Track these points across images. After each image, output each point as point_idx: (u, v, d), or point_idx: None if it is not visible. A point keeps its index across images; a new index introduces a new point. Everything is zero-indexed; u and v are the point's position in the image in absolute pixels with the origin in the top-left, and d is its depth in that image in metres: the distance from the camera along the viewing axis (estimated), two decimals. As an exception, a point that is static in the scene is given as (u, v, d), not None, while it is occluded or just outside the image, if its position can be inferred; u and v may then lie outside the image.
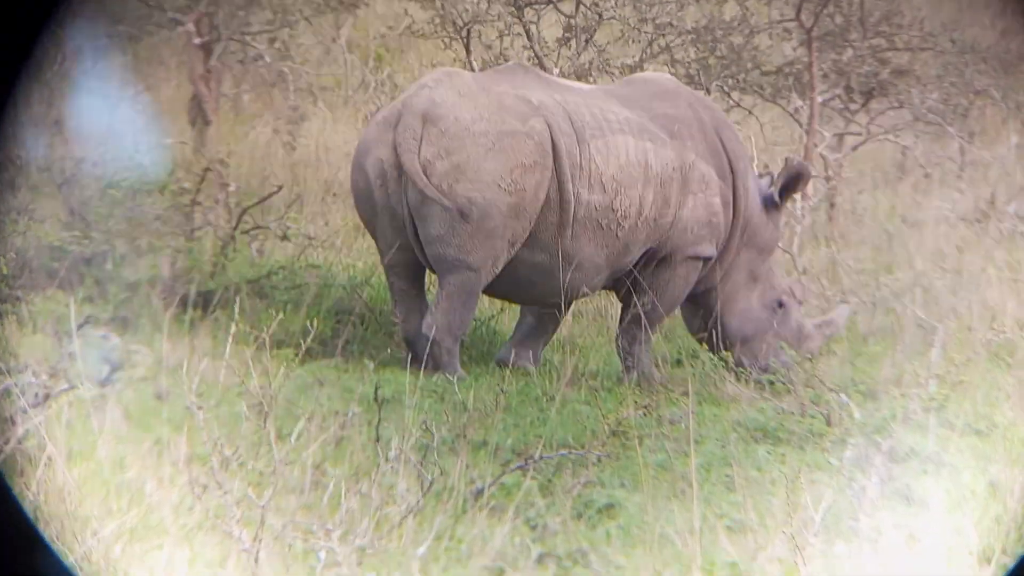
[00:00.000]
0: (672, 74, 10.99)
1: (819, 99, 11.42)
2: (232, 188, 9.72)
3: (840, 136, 11.75)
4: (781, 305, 8.94)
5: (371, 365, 8.14)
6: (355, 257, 10.04)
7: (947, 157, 12.11)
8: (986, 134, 12.64)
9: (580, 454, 6.93)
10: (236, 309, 7.44)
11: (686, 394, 7.69)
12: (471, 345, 8.75)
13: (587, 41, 10.90)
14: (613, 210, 8.37)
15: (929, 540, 6.43)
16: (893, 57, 12.11)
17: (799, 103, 11.47)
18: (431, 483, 6.37)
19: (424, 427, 6.73)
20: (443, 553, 6.21)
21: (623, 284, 8.72)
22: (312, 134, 11.55)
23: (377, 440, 6.81)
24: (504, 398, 7.51)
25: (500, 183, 8.14)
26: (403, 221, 8.26)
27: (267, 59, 11.22)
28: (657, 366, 8.45)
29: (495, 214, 8.14)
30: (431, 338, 8.22)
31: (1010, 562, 5.96)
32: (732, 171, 8.85)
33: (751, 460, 7.26)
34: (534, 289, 8.48)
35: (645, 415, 7.37)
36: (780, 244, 9.59)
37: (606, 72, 10.85)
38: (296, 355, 7.72)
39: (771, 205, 9.03)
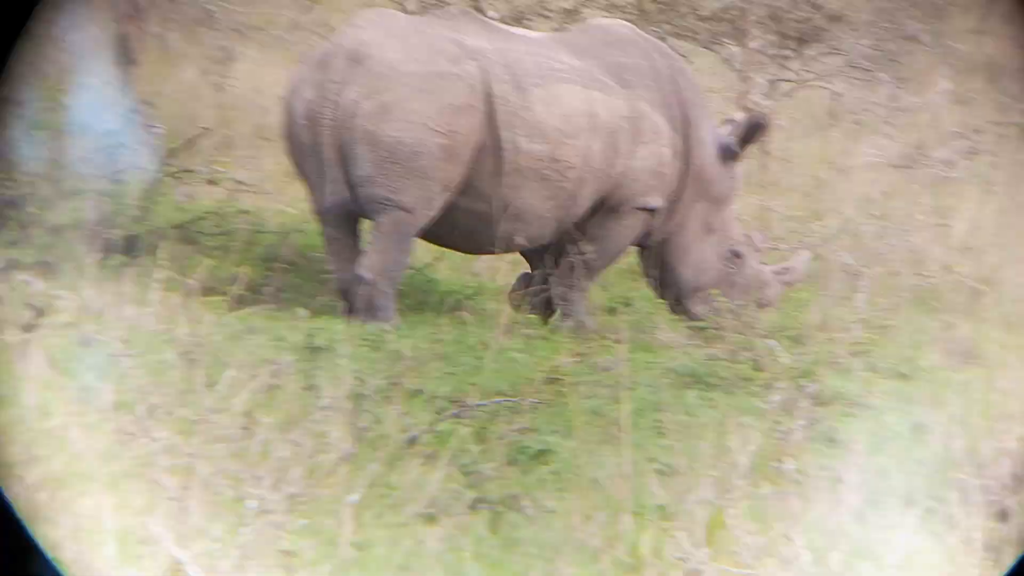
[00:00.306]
0: (609, 17, 10.93)
1: (753, 45, 11.43)
2: (158, 130, 9.51)
3: (773, 82, 11.79)
4: (738, 256, 8.90)
5: (303, 313, 8.05)
6: (287, 203, 9.90)
7: (877, 103, 12.19)
8: (916, 80, 12.76)
9: (514, 401, 6.95)
10: (163, 255, 7.29)
11: (619, 341, 7.72)
12: (406, 293, 8.68)
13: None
14: (556, 160, 8.25)
15: (853, 481, 6.53)
16: (826, 3, 12.14)
17: (733, 49, 11.48)
18: (364, 431, 6.34)
19: (358, 376, 6.68)
20: (376, 500, 6.20)
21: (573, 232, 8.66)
22: (242, 75, 11.33)
23: (309, 388, 6.75)
24: (440, 346, 7.49)
25: (429, 123, 8.01)
26: (333, 164, 8.11)
27: (194, -3, 10.98)
28: (591, 314, 8.45)
29: (424, 153, 8.00)
30: (366, 279, 8.08)
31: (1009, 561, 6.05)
32: (686, 121, 8.76)
33: (681, 405, 7.32)
34: (475, 237, 8.38)
35: (579, 362, 7.38)
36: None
37: (542, 15, 10.76)
38: (225, 302, 7.63)
39: (728, 155, 8.94)
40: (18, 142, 8.87)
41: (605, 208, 8.59)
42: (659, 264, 8.83)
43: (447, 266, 9.15)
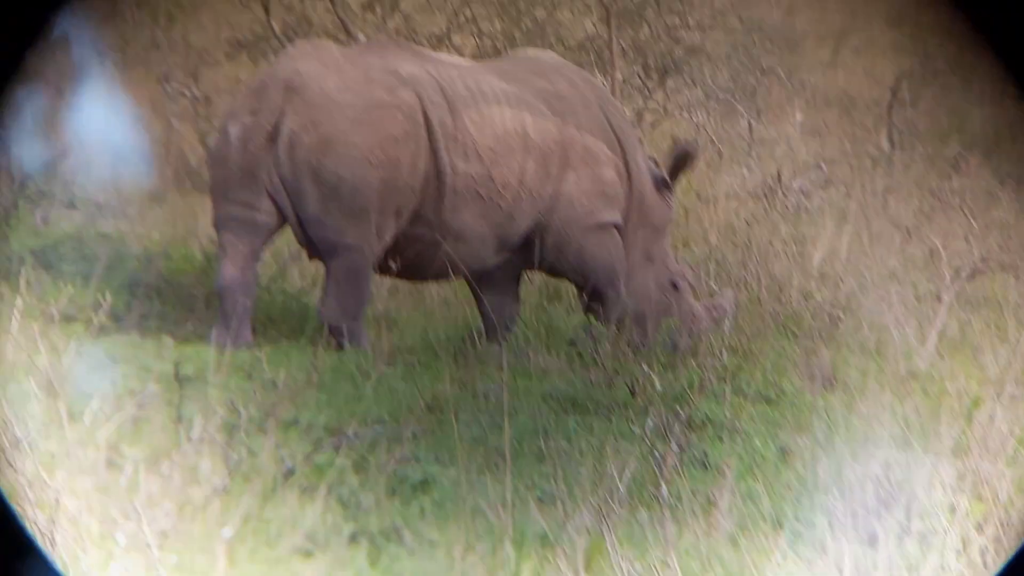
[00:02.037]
0: (477, 45, 11.01)
1: (619, 76, 11.61)
2: (13, 152, 9.16)
3: (639, 113, 11.99)
4: (676, 287, 9.00)
5: (170, 341, 7.86)
6: (150, 227, 9.65)
7: (736, 134, 12.49)
8: (772, 111, 13.12)
9: (395, 430, 6.87)
10: (21, 281, 7.03)
11: (500, 368, 7.72)
12: (281, 320, 8.54)
13: (392, 8, 10.76)
14: (492, 179, 8.30)
15: (724, 504, 6.65)
16: (686, 35, 12.43)
17: (600, 80, 11.63)
18: (238, 463, 6.19)
19: (230, 405, 6.52)
20: (250, 535, 6.07)
21: (569, 278, 8.76)
22: (99, 96, 10.99)
23: (179, 420, 6.55)
24: (316, 375, 7.37)
25: (370, 157, 8.00)
26: (267, 187, 8.01)
27: (49, 16, 10.60)
28: (473, 341, 8.43)
29: (366, 190, 7.99)
30: (328, 324, 8.08)
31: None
32: (622, 146, 8.85)
33: (561, 431, 7.35)
34: (432, 265, 8.40)
35: (461, 390, 7.35)
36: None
37: (413, 40, 10.74)
38: (87, 330, 7.38)
39: (662, 185, 9.06)
40: None
41: (554, 238, 8.64)
42: (594, 292, 8.81)
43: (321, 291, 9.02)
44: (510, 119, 8.38)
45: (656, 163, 9.18)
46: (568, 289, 9.65)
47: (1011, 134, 13.42)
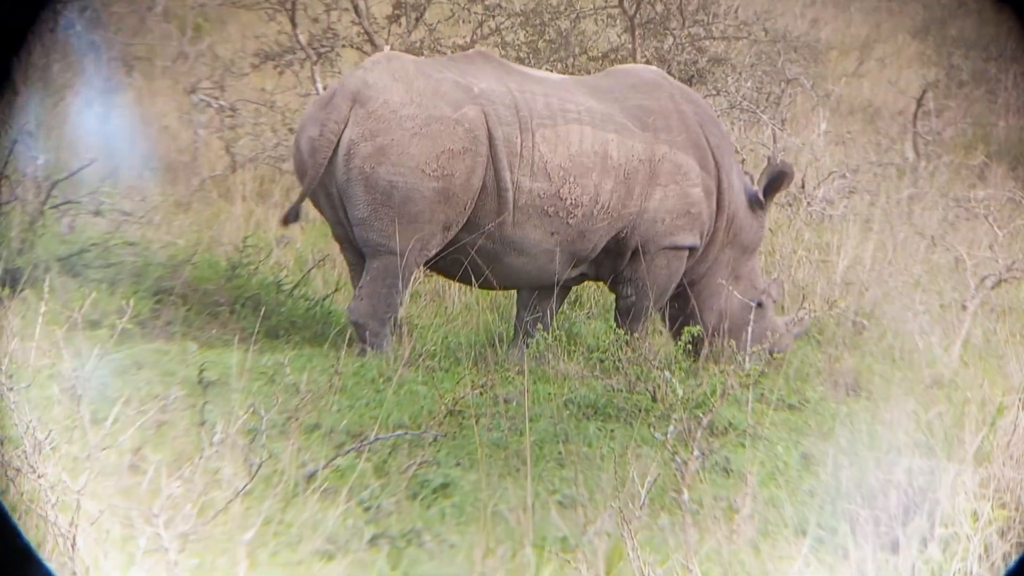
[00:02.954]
0: (503, 56, 11.02)
1: (642, 85, 11.57)
2: (40, 161, 9.25)
3: (663, 122, 11.96)
4: (760, 305, 8.96)
5: (194, 347, 7.91)
6: (175, 234, 9.71)
7: (760, 143, 12.48)
8: (796, 121, 13.11)
9: (416, 435, 6.88)
10: (46, 288, 7.08)
11: (521, 373, 7.73)
12: (304, 326, 8.58)
13: (417, 19, 10.81)
14: (561, 198, 8.30)
15: (746, 511, 6.62)
16: (710, 46, 12.44)
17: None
18: (259, 467, 6.20)
19: (252, 410, 6.55)
20: (272, 538, 6.07)
21: (614, 277, 8.70)
22: (127, 106, 11.10)
23: (201, 424, 6.59)
24: (339, 380, 7.39)
25: (425, 168, 8.04)
26: (335, 200, 8.18)
27: (78, 28, 10.72)
28: (494, 345, 8.44)
29: (418, 199, 8.05)
30: (352, 321, 8.13)
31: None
32: (717, 165, 8.80)
33: (582, 436, 7.33)
34: (483, 273, 8.43)
35: (481, 394, 7.35)
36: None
37: (437, 51, 10.79)
38: (111, 336, 7.43)
39: (756, 204, 9.02)
40: None
41: (633, 250, 8.62)
42: (683, 307, 8.83)
43: (345, 297, 9.05)
44: (589, 139, 8.37)
45: (753, 180, 9.11)
46: (590, 295, 9.64)
47: (1036, 143, 13.37)
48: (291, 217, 8.42)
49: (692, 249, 8.77)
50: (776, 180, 8.95)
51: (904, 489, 6.57)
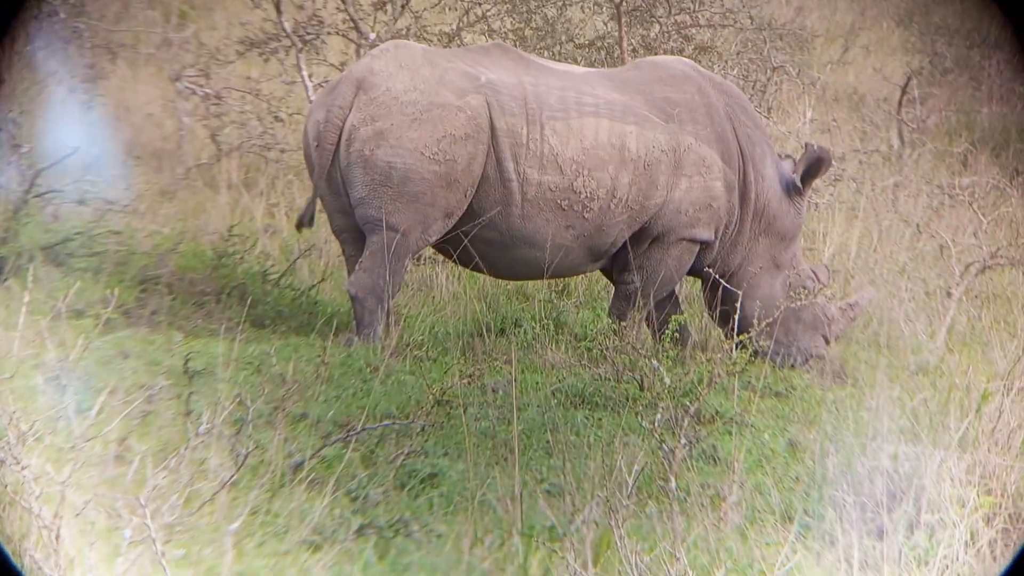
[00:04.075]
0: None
1: (628, 73, 11.55)
2: (24, 149, 9.19)
3: (649, 109, 11.94)
4: (805, 291, 8.89)
5: (179, 337, 7.88)
6: (160, 223, 9.67)
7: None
8: (782, 109, 13.11)
9: (404, 424, 6.87)
10: (30, 277, 7.05)
11: (509, 362, 7.72)
12: (290, 316, 8.55)
13: (403, 7, 10.78)
14: (575, 191, 8.30)
15: (733, 498, 6.64)
16: (696, 34, 12.42)
17: (609, 76, 11.60)
18: (245, 457, 6.19)
19: (238, 400, 6.52)
20: (258, 528, 6.06)
21: (622, 263, 8.67)
22: (111, 93, 11.03)
23: (187, 414, 6.56)
24: (325, 370, 7.37)
25: (424, 151, 8.09)
26: (338, 186, 8.22)
27: (62, 15, 10.64)
28: (482, 335, 8.44)
29: (417, 180, 8.08)
30: (349, 294, 8.15)
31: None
32: (743, 157, 8.77)
33: (570, 425, 7.34)
34: (496, 264, 8.45)
35: (469, 384, 7.35)
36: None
37: (424, 39, 10.76)
38: (95, 325, 7.40)
39: (793, 191, 8.95)
40: None
41: (652, 238, 8.61)
42: (724, 300, 8.78)
43: (332, 287, 9.04)
44: (606, 131, 8.35)
45: (793, 167, 9.01)
46: (578, 284, 9.63)
47: (1019, 131, 13.41)
48: (305, 220, 8.47)
49: (705, 244, 8.76)
50: (814, 166, 8.89)
51: (890, 475, 6.60)
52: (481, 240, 8.34)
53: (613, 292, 8.87)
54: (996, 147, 13.20)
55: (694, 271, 8.93)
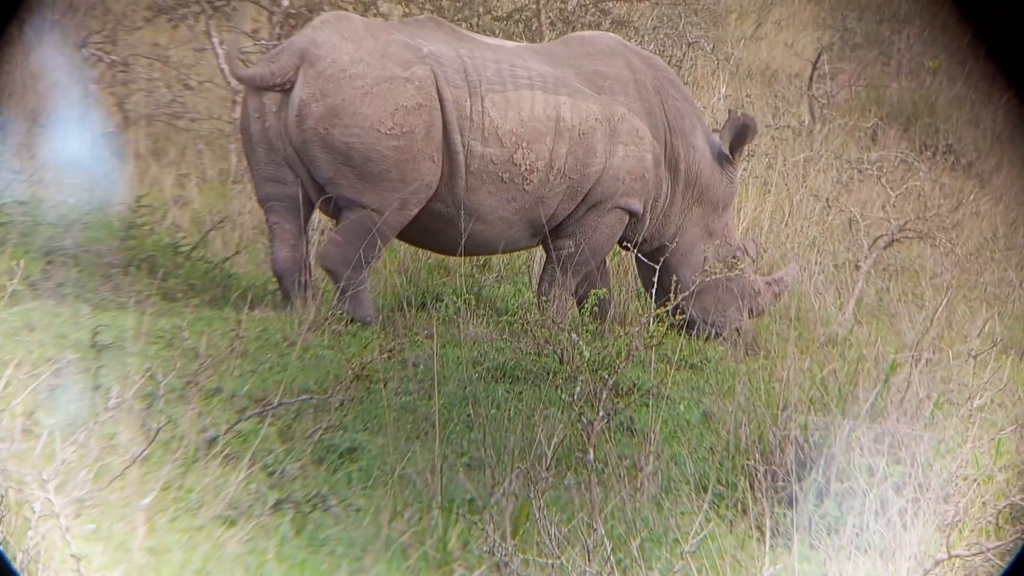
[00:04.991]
0: (405, 15, 10.89)
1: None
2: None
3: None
4: (737, 261, 8.95)
5: (87, 309, 7.70)
6: (66, 193, 9.41)
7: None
8: (697, 84, 13.20)
9: (322, 399, 6.80)
10: (-68, 248, 6.84)
11: (430, 336, 7.69)
12: (203, 289, 8.40)
13: (316, -25, 10.62)
14: (515, 164, 8.27)
15: (649, 469, 6.71)
16: (613, 7, 12.44)
17: (526, 48, 11.56)
18: (157, 431, 6.09)
19: (149, 374, 6.41)
20: (171, 503, 5.98)
21: (557, 228, 8.64)
22: (15, 60, 10.70)
23: (96, 388, 6.43)
24: (240, 343, 7.26)
25: (380, 127, 8.00)
26: (284, 157, 8.09)
27: (-41, -24, 10.28)
28: (402, 309, 8.39)
29: (378, 158, 8.00)
30: (323, 265, 8.11)
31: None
32: (671, 130, 8.81)
33: (491, 399, 7.34)
34: (438, 237, 8.40)
35: (389, 358, 7.30)
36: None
37: (339, 7, 10.57)
38: (1, 297, 7.22)
39: (724, 160, 8.99)
40: None
41: (590, 206, 8.60)
42: (661, 270, 8.81)
43: (247, 260, 8.90)
44: (541, 103, 8.34)
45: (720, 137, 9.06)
46: (499, 259, 9.61)
47: (927, 106, 13.68)
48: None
49: (634, 215, 8.79)
50: (740, 134, 8.96)
51: (800, 445, 6.72)
52: (426, 211, 8.28)
53: (543, 264, 8.87)
54: (905, 122, 13.45)
55: (627, 244, 8.97)
